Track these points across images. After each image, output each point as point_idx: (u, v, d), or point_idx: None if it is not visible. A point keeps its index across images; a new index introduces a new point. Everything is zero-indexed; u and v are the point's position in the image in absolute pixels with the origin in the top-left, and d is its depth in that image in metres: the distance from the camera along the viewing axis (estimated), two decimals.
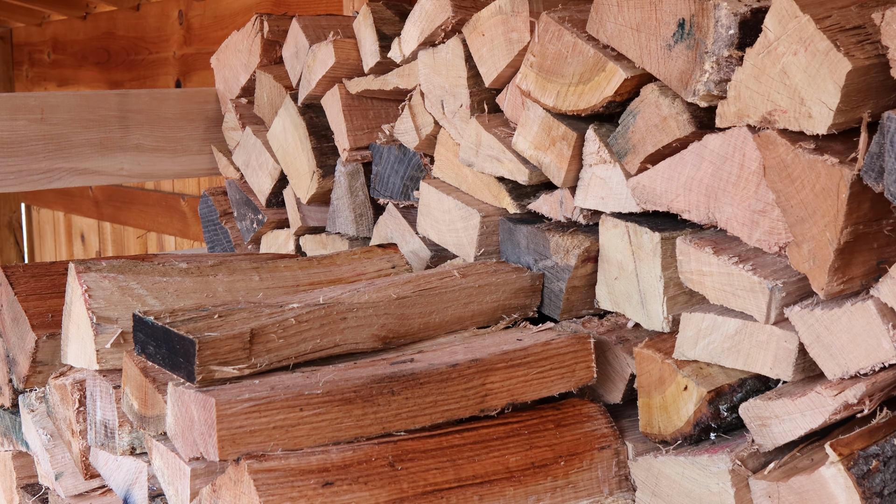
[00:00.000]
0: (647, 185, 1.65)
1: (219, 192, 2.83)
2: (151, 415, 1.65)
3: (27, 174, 2.59)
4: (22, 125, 2.57)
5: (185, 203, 4.30)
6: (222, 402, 1.45)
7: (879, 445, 1.41)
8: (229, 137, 2.77)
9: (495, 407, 1.64)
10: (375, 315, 1.68)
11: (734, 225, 1.55)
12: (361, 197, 2.36)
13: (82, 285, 1.81)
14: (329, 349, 1.63)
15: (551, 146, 1.80)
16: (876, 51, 1.38)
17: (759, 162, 1.50)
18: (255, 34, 2.61)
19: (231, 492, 1.47)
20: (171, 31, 4.36)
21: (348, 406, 1.52)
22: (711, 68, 1.51)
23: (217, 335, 1.51)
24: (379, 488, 1.50)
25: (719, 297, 1.57)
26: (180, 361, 1.52)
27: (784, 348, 1.51)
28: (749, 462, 1.54)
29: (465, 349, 1.69)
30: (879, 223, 1.43)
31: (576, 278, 1.80)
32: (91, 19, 5.03)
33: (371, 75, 2.29)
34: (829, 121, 1.38)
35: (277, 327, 1.57)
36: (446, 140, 2.09)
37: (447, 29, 2.03)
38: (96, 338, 1.79)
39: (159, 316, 1.58)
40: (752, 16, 1.49)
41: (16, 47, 5.88)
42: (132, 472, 1.80)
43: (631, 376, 1.74)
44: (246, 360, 1.53)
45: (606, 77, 1.67)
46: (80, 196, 5.19)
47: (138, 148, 2.75)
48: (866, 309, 1.42)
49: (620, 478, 1.69)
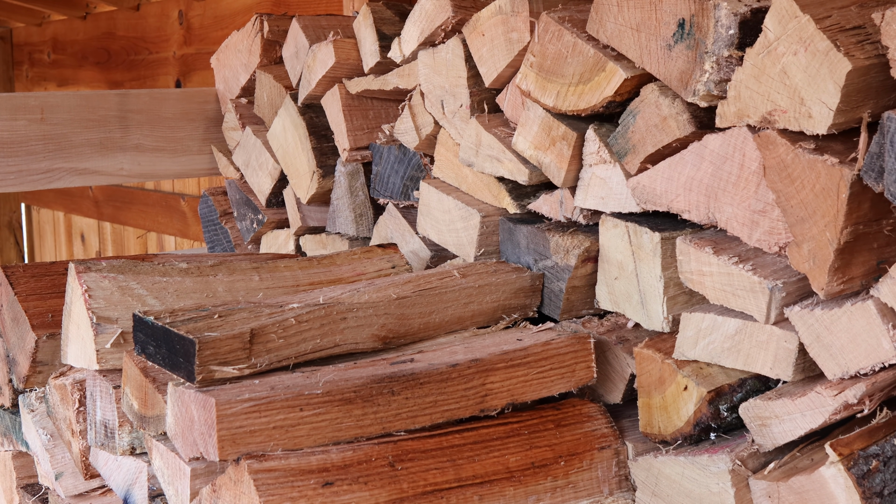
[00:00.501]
0: (647, 185, 1.66)
1: (219, 192, 2.83)
2: (151, 415, 1.65)
3: (27, 174, 2.59)
4: (22, 125, 2.57)
5: (185, 203, 4.30)
6: (222, 403, 1.45)
7: (879, 445, 1.41)
8: (229, 137, 2.77)
9: (495, 407, 1.64)
10: (375, 315, 1.69)
11: (734, 225, 1.55)
12: (361, 197, 2.36)
13: (82, 285, 1.81)
14: (329, 349, 1.64)
15: (551, 146, 1.80)
16: (876, 51, 1.38)
17: (759, 162, 1.50)
18: (255, 34, 2.61)
19: (231, 492, 1.47)
20: (171, 31, 4.36)
21: (348, 406, 1.52)
22: (711, 68, 1.51)
23: (217, 335, 1.51)
24: (379, 488, 1.50)
25: (719, 297, 1.57)
26: (180, 361, 1.52)
27: (784, 348, 1.51)
28: (749, 462, 1.54)
29: (466, 349, 1.69)
30: (879, 223, 1.43)
31: (576, 278, 1.80)
32: (91, 19, 5.03)
33: (371, 75, 2.29)
34: (829, 121, 1.38)
35: (277, 327, 1.57)
36: (446, 140, 2.09)
37: (447, 29, 2.03)
38: (96, 338, 1.79)
39: (159, 316, 1.58)
40: (752, 16, 1.49)
41: (16, 47, 5.89)
42: (132, 472, 1.80)
43: (631, 376, 1.74)
44: (246, 360, 1.54)
45: (606, 77, 1.67)
46: (80, 196, 5.19)
47: (138, 148, 2.75)
48: (866, 309, 1.42)
49: (620, 478, 1.69)
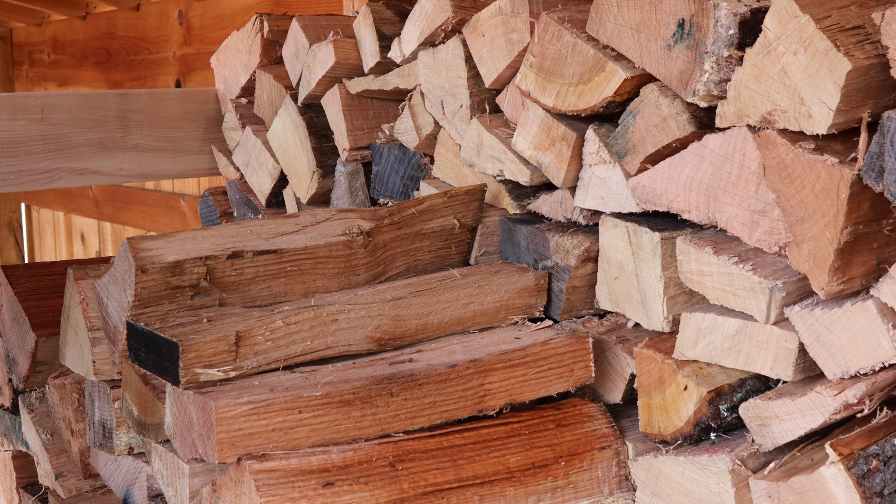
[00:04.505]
0: (646, 186, 1.65)
1: (219, 192, 2.83)
2: (151, 422, 1.65)
3: (27, 174, 2.59)
4: (22, 125, 2.57)
5: (185, 203, 4.30)
6: (221, 405, 1.44)
7: (879, 445, 1.41)
8: (229, 137, 2.77)
9: (493, 407, 1.64)
10: (369, 317, 1.67)
11: (734, 225, 1.55)
12: (361, 197, 2.36)
13: (80, 293, 1.80)
14: (321, 351, 1.63)
15: (551, 146, 1.80)
16: (876, 51, 1.38)
17: (759, 162, 1.50)
18: (255, 34, 2.61)
19: (232, 492, 1.47)
20: (171, 31, 4.36)
21: (347, 408, 1.52)
22: (711, 68, 1.51)
23: (201, 338, 1.50)
24: (379, 488, 1.50)
25: (719, 297, 1.57)
26: (167, 365, 1.51)
27: (784, 348, 1.51)
28: (749, 462, 1.54)
29: (464, 349, 1.69)
30: (879, 223, 1.43)
31: (576, 278, 1.80)
32: (91, 19, 5.03)
33: (371, 75, 2.29)
34: (829, 121, 1.38)
35: (265, 329, 1.56)
36: (446, 140, 2.09)
37: (447, 29, 2.03)
38: (93, 349, 1.79)
39: (149, 322, 1.58)
40: (751, 16, 1.49)
41: (16, 47, 5.89)
42: (131, 473, 1.80)
43: (631, 376, 1.74)
44: (232, 362, 1.53)
45: (606, 77, 1.67)
46: (80, 196, 5.19)
47: (138, 148, 2.74)
48: (866, 309, 1.42)
49: (620, 478, 1.69)
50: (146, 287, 1.58)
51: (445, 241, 1.94)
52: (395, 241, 1.87)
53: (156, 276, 1.59)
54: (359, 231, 1.79)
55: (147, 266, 1.58)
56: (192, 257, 1.62)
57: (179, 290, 1.61)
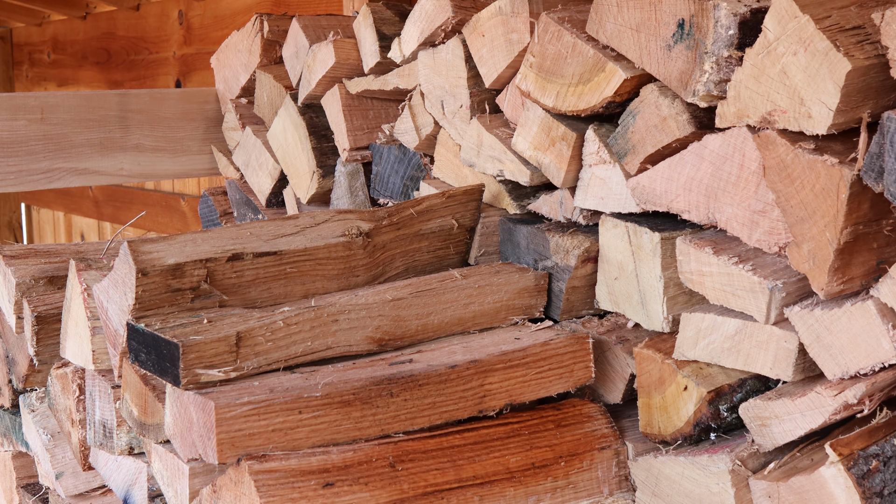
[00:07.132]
0: (646, 186, 1.65)
1: (219, 192, 2.83)
2: (152, 423, 1.65)
3: (27, 174, 2.59)
4: (22, 125, 2.57)
5: (185, 203, 4.30)
6: (221, 406, 1.44)
7: (879, 445, 1.41)
8: (229, 137, 2.77)
9: (493, 408, 1.64)
10: (369, 317, 1.68)
11: (734, 225, 1.55)
12: (361, 197, 2.36)
13: (82, 283, 1.81)
14: (321, 352, 1.63)
15: (551, 146, 1.80)
16: (876, 51, 1.38)
17: (758, 162, 1.50)
18: (255, 34, 2.61)
19: (232, 492, 1.47)
20: (171, 31, 4.36)
21: (347, 408, 1.52)
22: (711, 68, 1.51)
23: (202, 338, 1.50)
24: (379, 489, 1.50)
25: (719, 297, 1.57)
26: (167, 366, 1.51)
27: (784, 348, 1.51)
28: (749, 462, 1.54)
29: (464, 349, 1.69)
30: (879, 223, 1.43)
31: (576, 279, 1.80)
32: (91, 19, 5.03)
33: (371, 75, 2.29)
34: (828, 121, 1.38)
35: (265, 330, 1.56)
36: (446, 140, 2.09)
37: (447, 29, 2.03)
38: (93, 338, 1.79)
39: (150, 322, 1.58)
40: (751, 16, 1.49)
41: (16, 47, 5.89)
42: (132, 473, 1.80)
43: (631, 376, 1.74)
44: (232, 363, 1.53)
45: (606, 77, 1.67)
46: (80, 196, 5.19)
47: (138, 148, 2.75)
48: (866, 309, 1.42)
49: (620, 478, 1.69)
50: (147, 290, 1.58)
51: (444, 241, 1.94)
52: (393, 242, 1.87)
53: (156, 279, 1.59)
54: (358, 232, 1.79)
55: (148, 269, 1.58)
56: (192, 260, 1.62)
57: (180, 293, 1.61)
